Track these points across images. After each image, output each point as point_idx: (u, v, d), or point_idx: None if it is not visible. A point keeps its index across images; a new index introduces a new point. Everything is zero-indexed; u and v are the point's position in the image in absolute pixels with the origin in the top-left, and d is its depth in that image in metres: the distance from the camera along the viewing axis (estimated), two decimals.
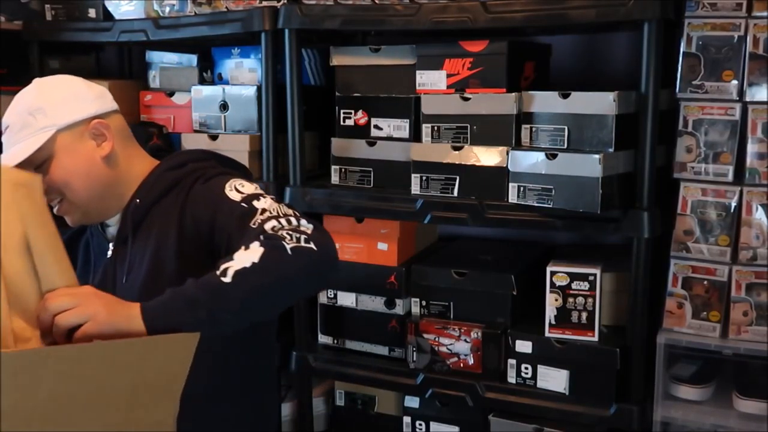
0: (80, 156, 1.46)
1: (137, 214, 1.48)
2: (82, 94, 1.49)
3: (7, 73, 2.71)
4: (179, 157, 1.56)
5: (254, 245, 1.26)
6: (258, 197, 1.41)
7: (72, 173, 1.45)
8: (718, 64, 1.83)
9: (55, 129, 1.44)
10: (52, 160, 1.44)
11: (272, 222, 1.33)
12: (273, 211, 1.36)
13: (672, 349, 1.90)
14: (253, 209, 1.37)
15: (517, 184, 1.96)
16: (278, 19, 2.19)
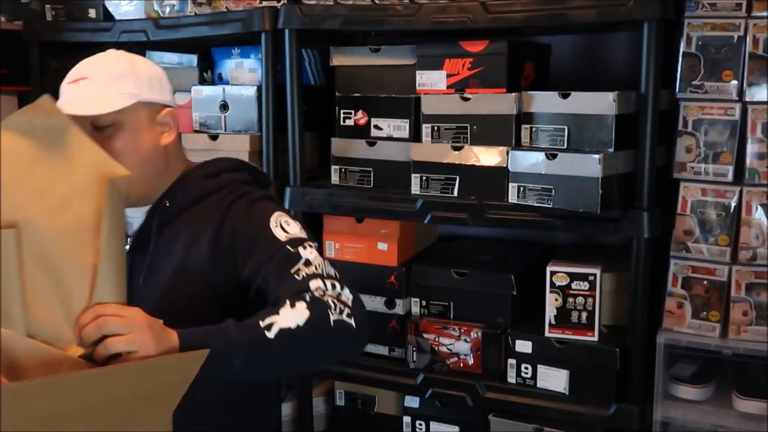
0: (145, 136, 1.43)
1: (165, 216, 1.46)
2: (164, 80, 1.49)
3: (7, 73, 2.71)
4: (214, 165, 1.54)
5: (300, 306, 1.25)
6: (303, 243, 1.40)
7: (132, 150, 1.41)
8: (717, 64, 1.83)
9: (137, 99, 1.41)
10: (119, 128, 1.40)
11: (317, 281, 1.33)
12: (318, 267, 1.36)
13: (672, 349, 1.90)
14: (298, 256, 1.37)
15: (517, 184, 1.96)
16: (278, 19, 2.19)
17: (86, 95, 1.40)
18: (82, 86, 1.41)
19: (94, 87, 1.40)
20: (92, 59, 1.46)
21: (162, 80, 1.48)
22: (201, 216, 1.45)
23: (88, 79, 1.41)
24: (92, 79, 1.41)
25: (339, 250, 2.27)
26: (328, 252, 2.27)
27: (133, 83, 1.42)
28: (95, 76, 1.41)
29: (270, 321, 1.22)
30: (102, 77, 1.41)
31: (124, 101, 1.40)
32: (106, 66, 1.43)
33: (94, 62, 1.45)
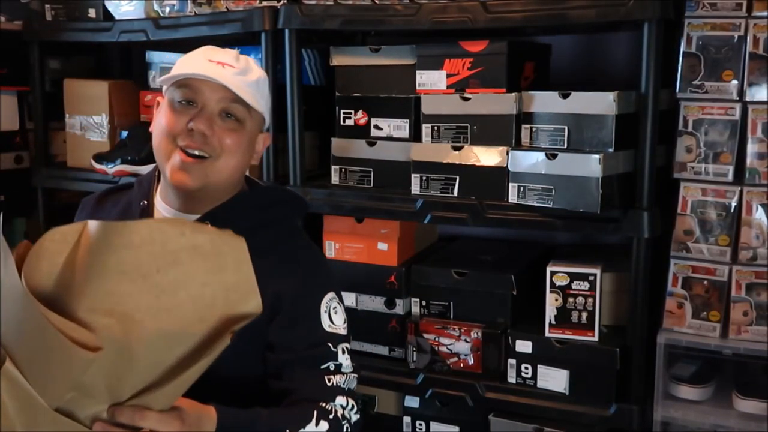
0: (247, 148, 1.45)
1: None
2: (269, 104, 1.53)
3: (7, 73, 2.72)
4: (265, 195, 1.54)
5: (323, 425, 1.32)
6: (343, 342, 1.43)
7: (239, 151, 1.43)
8: (718, 64, 1.83)
9: (263, 113, 1.47)
10: (241, 126, 1.42)
11: (342, 398, 1.38)
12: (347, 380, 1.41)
13: (672, 349, 1.90)
14: (335, 357, 1.40)
15: (517, 184, 1.96)
16: (278, 19, 2.19)
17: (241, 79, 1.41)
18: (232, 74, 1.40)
19: (241, 82, 1.40)
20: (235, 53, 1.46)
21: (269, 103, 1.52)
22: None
23: (238, 70, 1.41)
24: (241, 71, 1.42)
25: (339, 250, 2.27)
26: (328, 252, 2.27)
27: (266, 95, 1.47)
28: (247, 71, 1.43)
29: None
30: (250, 75, 1.43)
31: (261, 107, 1.44)
32: (251, 67, 1.45)
33: (242, 58, 1.45)
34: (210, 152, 1.40)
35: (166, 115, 1.42)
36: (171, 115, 1.41)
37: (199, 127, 1.38)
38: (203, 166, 1.40)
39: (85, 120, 2.67)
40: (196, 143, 1.39)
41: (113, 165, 2.52)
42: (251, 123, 1.44)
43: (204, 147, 1.39)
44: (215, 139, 1.39)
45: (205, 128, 1.38)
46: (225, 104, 1.41)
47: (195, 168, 1.39)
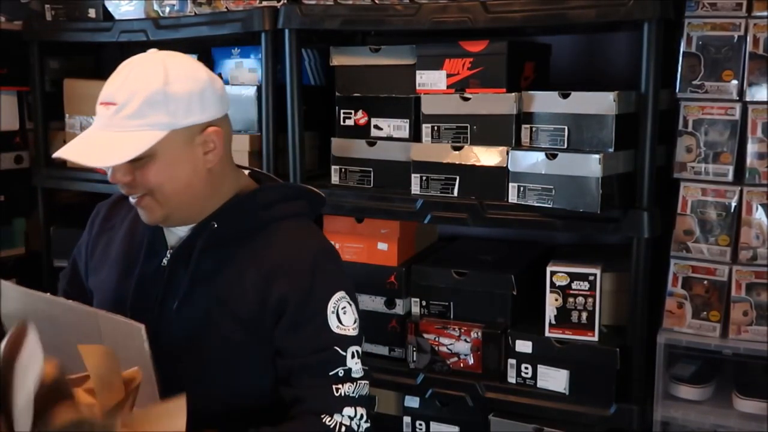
0: (185, 163, 1.33)
1: (211, 239, 1.37)
2: (207, 91, 1.33)
3: (7, 73, 2.72)
4: (270, 193, 1.44)
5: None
6: (353, 345, 1.36)
7: (170, 179, 1.32)
8: (718, 64, 1.83)
9: (170, 129, 1.29)
10: (152, 159, 1.29)
11: (350, 409, 1.33)
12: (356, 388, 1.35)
13: (672, 349, 1.90)
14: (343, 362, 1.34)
15: (517, 184, 1.96)
16: (278, 19, 2.19)
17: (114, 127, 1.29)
18: (111, 116, 1.29)
19: (121, 119, 1.28)
20: (128, 72, 1.32)
21: (204, 94, 1.33)
22: (251, 252, 1.37)
23: (117, 108, 1.28)
24: (120, 109, 1.28)
25: (339, 250, 2.24)
26: None
27: (164, 111, 1.29)
28: (124, 104, 1.28)
29: None
30: (129, 107, 1.28)
31: (155, 136, 1.28)
32: (135, 87, 1.29)
33: (127, 79, 1.31)
34: (141, 191, 1.33)
35: None
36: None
37: (115, 180, 1.33)
38: (147, 203, 1.35)
39: (85, 120, 2.67)
40: (127, 190, 1.34)
41: None
42: (162, 146, 1.29)
43: (133, 191, 1.34)
44: (136, 181, 1.32)
45: (120, 178, 1.32)
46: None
47: (143, 204, 1.35)
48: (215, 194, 1.39)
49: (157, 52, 1.36)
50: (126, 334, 1.21)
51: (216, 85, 1.36)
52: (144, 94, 1.28)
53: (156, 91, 1.28)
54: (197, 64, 1.38)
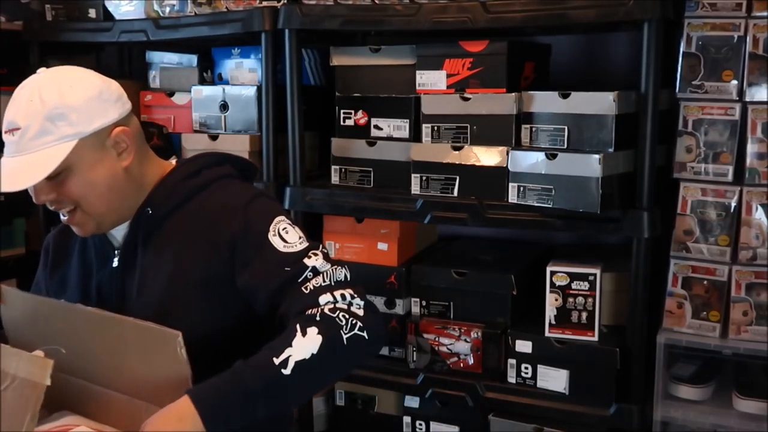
0: (101, 168, 1.34)
1: (149, 225, 1.40)
2: (105, 94, 1.36)
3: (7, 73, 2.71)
4: (193, 163, 1.47)
5: (312, 332, 1.22)
6: (307, 253, 1.34)
7: (92, 186, 1.34)
8: (717, 64, 1.83)
9: (78, 138, 1.31)
10: (69, 172, 1.31)
11: (326, 295, 1.28)
12: (326, 277, 1.31)
13: (672, 349, 1.90)
14: (303, 268, 1.31)
15: (517, 184, 1.96)
16: (278, 19, 2.19)
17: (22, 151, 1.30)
18: (17, 141, 1.30)
19: (27, 141, 1.29)
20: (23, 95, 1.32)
21: (101, 96, 1.35)
22: (188, 221, 1.39)
23: (20, 132, 1.30)
24: (24, 132, 1.29)
25: (339, 250, 2.27)
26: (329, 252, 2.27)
27: (67, 122, 1.30)
28: (26, 127, 1.29)
29: (284, 356, 1.19)
30: (32, 128, 1.29)
31: (64, 149, 1.30)
32: (32, 108, 1.29)
33: (22, 103, 1.31)
34: (69, 206, 1.35)
35: None
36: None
37: (40, 201, 1.35)
38: (78, 216, 1.36)
39: None
40: (56, 208, 1.36)
41: None
42: (74, 157, 1.30)
43: (60, 206, 1.36)
44: (61, 197, 1.34)
45: (44, 198, 1.34)
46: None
47: (75, 220, 1.37)
48: (140, 188, 1.41)
49: (46, 70, 1.38)
50: (159, 340, 1.21)
51: (112, 87, 1.39)
52: (44, 112, 1.29)
53: (54, 106, 1.30)
54: (88, 72, 1.39)
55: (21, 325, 1.41)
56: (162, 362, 1.21)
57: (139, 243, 1.40)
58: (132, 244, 1.41)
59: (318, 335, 1.22)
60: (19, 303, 1.41)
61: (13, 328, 1.42)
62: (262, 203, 1.41)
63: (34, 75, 1.37)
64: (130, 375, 1.26)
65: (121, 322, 1.26)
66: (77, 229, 1.39)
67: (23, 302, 1.41)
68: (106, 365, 1.29)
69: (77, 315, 1.31)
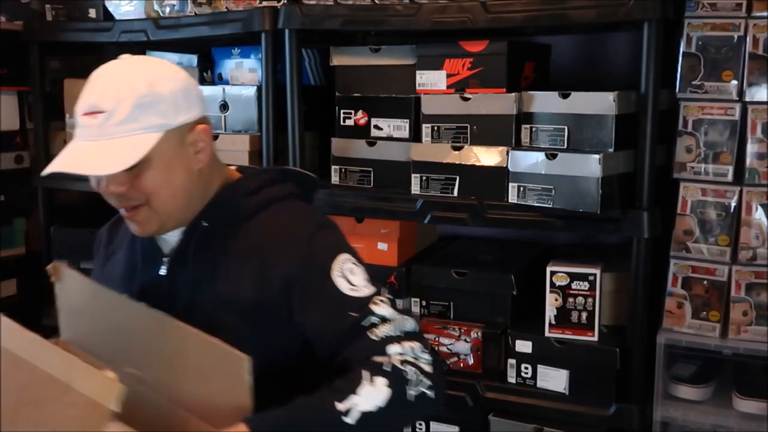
0: (178, 165, 1.28)
1: (203, 238, 1.33)
2: (191, 88, 1.31)
3: (7, 73, 2.72)
4: (255, 179, 1.39)
5: (380, 382, 1.17)
6: (373, 298, 1.28)
7: (167, 183, 1.27)
8: (717, 64, 1.83)
9: (164, 130, 1.25)
10: (147, 164, 1.24)
11: (396, 346, 1.23)
12: (393, 325, 1.25)
13: (672, 349, 1.90)
14: (369, 314, 1.25)
15: (517, 184, 1.96)
16: (278, 19, 2.19)
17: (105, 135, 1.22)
18: (100, 124, 1.23)
19: (112, 126, 1.22)
20: (107, 79, 1.26)
21: (188, 92, 1.31)
22: (247, 241, 1.33)
23: (105, 115, 1.22)
24: (110, 116, 1.22)
25: None
26: None
27: (155, 111, 1.24)
28: (113, 111, 1.22)
29: (349, 404, 1.14)
30: (119, 112, 1.22)
31: (150, 139, 1.24)
32: (122, 93, 1.23)
33: (110, 86, 1.24)
34: (136, 202, 1.28)
35: None
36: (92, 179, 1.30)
37: (110, 192, 1.27)
38: (143, 213, 1.29)
39: None
40: (122, 202, 1.29)
41: None
42: (156, 150, 1.24)
43: (126, 202, 1.28)
44: (131, 191, 1.26)
45: (115, 189, 1.27)
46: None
47: (139, 219, 1.30)
48: (204, 194, 1.35)
49: (130, 57, 1.33)
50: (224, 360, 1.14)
51: (195, 83, 1.35)
52: (132, 99, 1.23)
53: (144, 93, 1.24)
54: (173, 64, 1.36)
55: (76, 310, 1.34)
56: (223, 383, 1.15)
57: (190, 254, 1.34)
58: (182, 254, 1.34)
59: (386, 387, 1.17)
60: (76, 286, 1.34)
61: (67, 312, 1.36)
62: (327, 236, 1.36)
63: (115, 60, 1.31)
64: (185, 387, 1.19)
65: (186, 332, 1.19)
66: (137, 227, 1.32)
67: (81, 286, 1.34)
68: (160, 371, 1.22)
69: (140, 314, 1.24)
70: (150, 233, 1.33)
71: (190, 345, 1.19)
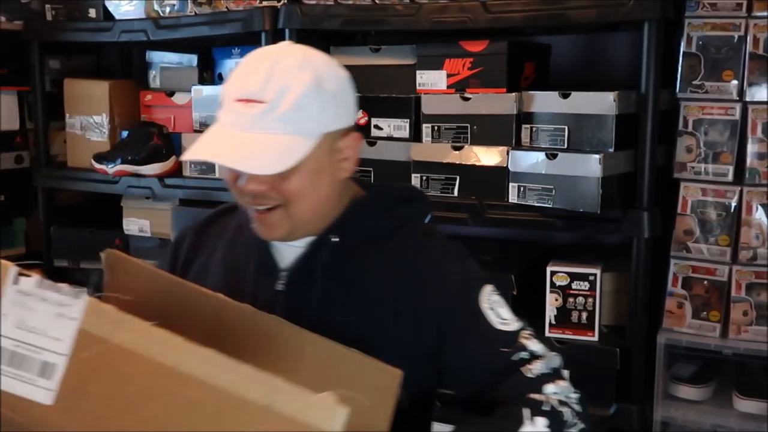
0: (326, 172, 1.18)
1: (332, 254, 1.23)
2: (351, 91, 1.20)
3: (7, 73, 2.72)
4: (386, 196, 1.30)
5: (540, 422, 1.12)
6: (522, 333, 1.23)
7: (312, 190, 1.17)
8: (718, 64, 1.83)
9: (322, 134, 1.15)
10: (297, 168, 1.13)
11: (552, 386, 1.18)
12: (546, 363, 1.21)
13: (672, 349, 1.90)
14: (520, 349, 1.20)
15: (517, 184, 1.96)
16: (278, 19, 2.19)
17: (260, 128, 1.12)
18: (255, 117, 1.12)
19: (269, 121, 1.12)
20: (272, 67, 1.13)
21: (349, 94, 1.20)
22: (383, 266, 1.23)
23: (266, 106, 1.11)
24: (268, 108, 1.11)
25: None
26: None
27: (317, 110, 1.13)
28: (272, 103, 1.11)
29: None
30: (278, 107, 1.11)
31: (306, 142, 1.13)
32: (289, 86, 1.12)
33: (275, 76, 1.13)
34: (275, 202, 1.17)
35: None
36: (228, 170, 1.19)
37: (248, 188, 1.16)
38: (279, 216, 1.18)
39: (85, 120, 2.67)
40: (257, 201, 1.17)
41: (113, 165, 2.52)
42: (310, 153, 1.14)
43: (266, 201, 1.17)
44: (272, 191, 1.16)
45: (256, 187, 1.15)
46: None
47: (273, 221, 1.18)
48: (337, 206, 1.24)
49: (294, 45, 1.22)
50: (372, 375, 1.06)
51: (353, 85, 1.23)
52: (297, 94, 1.12)
53: (310, 91, 1.13)
54: (335, 60, 1.22)
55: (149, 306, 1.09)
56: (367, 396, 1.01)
57: (317, 270, 1.23)
58: (306, 270, 1.23)
59: (546, 428, 1.13)
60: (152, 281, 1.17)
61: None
62: (470, 266, 1.29)
63: (277, 46, 1.21)
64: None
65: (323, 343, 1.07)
66: (265, 230, 1.20)
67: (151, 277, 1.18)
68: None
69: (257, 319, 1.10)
70: (276, 238, 1.22)
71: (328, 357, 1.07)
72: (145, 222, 2.61)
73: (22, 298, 0.93)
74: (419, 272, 1.23)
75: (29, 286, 0.94)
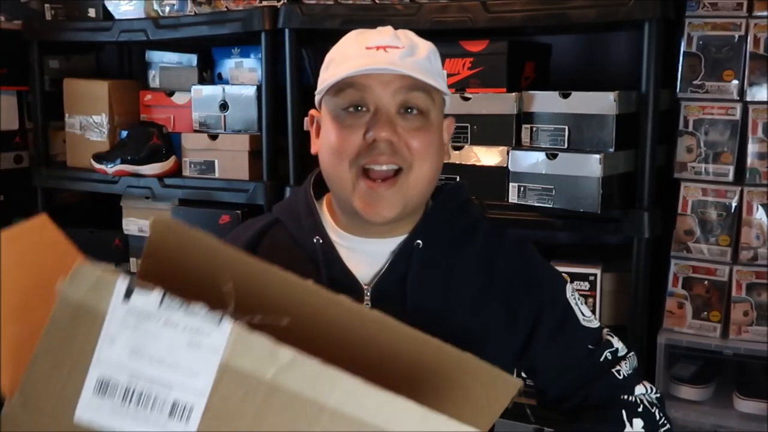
0: (440, 145, 1.17)
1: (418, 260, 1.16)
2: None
3: (7, 73, 2.72)
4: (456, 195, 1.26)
5: (637, 424, 1.13)
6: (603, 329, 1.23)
7: (434, 156, 1.14)
8: (718, 64, 1.83)
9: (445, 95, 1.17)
10: (426, 120, 1.12)
11: (641, 387, 1.19)
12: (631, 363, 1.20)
13: (672, 349, 1.89)
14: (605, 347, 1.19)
15: (517, 184, 1.96)
16: (278, 18, 2.19)
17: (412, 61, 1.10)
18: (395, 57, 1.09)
19: (412, 64, 1.10)
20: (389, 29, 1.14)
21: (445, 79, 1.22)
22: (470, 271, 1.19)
23: (405, 50, 1.10)
24: (408, 51, 1.10)
25: None
26: None
27: (440, 70, 1.15)
28: (411, 48, 1.11)
29: None
30: (418, 54, 1.11)
31: (440, 93, 1.14)
32: (415, 41, 1.13)
33: (399, 33, 1.14)
34: (400, 163, 1.11)
35: (333, 132, 1.14)
36: (340, 131, 1.13)
37: (382, 135, 1.09)
38: (397, 185, 1.12)
39: (85, 120, 2.67)
40: (384, 156, 1.11)
41: (113, 165, 2.52)
42: (435, 112, 1.14)
43: (393, 159, 1.11)
44: (402, 145, 1.11)
45: (389, 134, 1.10)
46: (403, 96, 1.10)
47: (388, 193, 1.11)
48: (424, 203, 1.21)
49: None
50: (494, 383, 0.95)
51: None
52: (426, 48, 1.13)
53: (432, 52, 1.14)
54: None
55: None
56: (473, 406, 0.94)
57: (408, 281, 1.15)
58: (389, 281, 1.16)
59: (642, 430, 1.14)
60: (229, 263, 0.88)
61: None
62: (549, 266, 1.28)
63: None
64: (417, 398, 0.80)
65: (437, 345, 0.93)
66: (383, 205, 1.12)
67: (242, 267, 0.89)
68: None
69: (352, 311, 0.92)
70: (391, 218, 1.13)
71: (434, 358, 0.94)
72: (144, 222, 2.60)
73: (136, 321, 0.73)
74: (507, 273, 1.20)
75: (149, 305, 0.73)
